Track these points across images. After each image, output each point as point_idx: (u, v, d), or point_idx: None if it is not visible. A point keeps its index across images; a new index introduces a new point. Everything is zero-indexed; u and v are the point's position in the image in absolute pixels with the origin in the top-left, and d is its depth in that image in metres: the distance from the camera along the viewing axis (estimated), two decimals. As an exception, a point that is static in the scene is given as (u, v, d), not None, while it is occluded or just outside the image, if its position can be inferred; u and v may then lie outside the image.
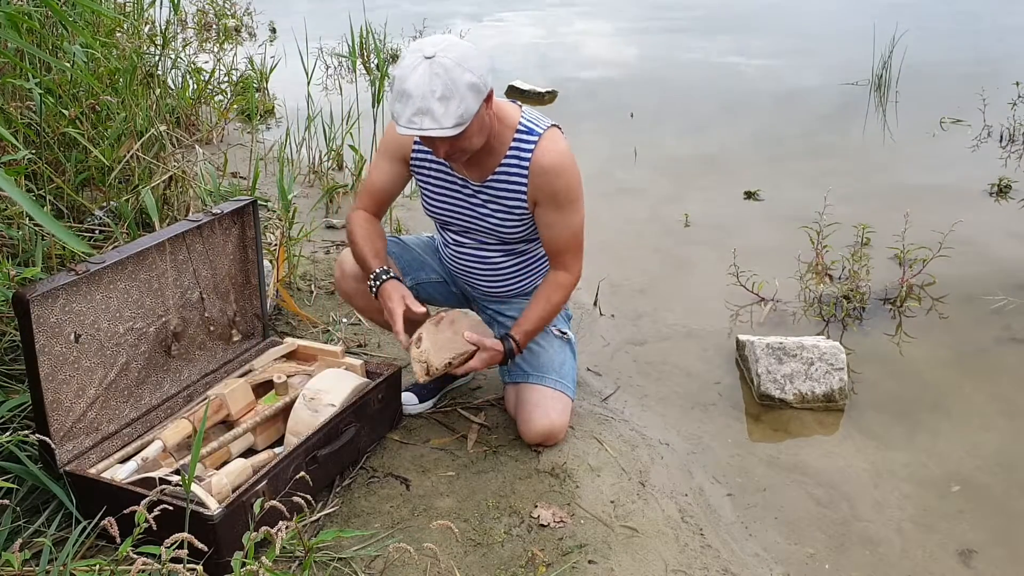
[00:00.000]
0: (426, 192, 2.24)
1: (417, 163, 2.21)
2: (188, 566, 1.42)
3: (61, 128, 2.95)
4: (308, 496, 1.70)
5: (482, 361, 2.12)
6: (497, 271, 2.30)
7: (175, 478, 1.84)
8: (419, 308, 2.08)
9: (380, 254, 2.18)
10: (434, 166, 2.19)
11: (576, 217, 2.13)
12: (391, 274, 2.13)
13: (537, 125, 2.09)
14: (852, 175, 4.39)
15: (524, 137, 2.08)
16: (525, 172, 2.08)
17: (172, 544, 1.41)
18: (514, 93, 6.11)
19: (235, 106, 5.00)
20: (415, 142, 2.17)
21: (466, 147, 1.97)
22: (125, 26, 4.30)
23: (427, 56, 1.85)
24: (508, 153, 2.09)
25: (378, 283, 2.12)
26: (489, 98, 1.94)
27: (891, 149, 4.87)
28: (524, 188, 2.10)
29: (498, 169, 2.10)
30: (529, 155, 2.07)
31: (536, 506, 2.03)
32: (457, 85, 1.84)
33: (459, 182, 2.17)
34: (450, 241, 2.32)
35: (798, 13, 8.96)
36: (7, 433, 1.82)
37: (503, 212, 2.15)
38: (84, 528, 1.70)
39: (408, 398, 2.40)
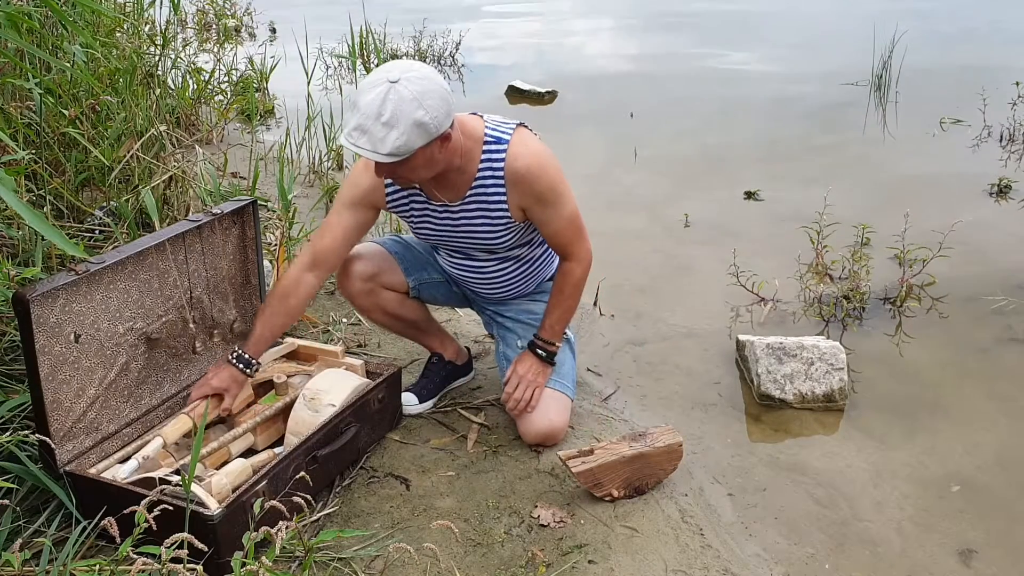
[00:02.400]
0: (412, 224, 2.24)
1: (395, 203, 2.18)
2: (188, 566, 1.42)
3: (61, 128, 2.95)
4: (308, 496, 1.70)
5: (519, 376, 2.21)
6: (493, 279, 2.30)
7: (175, 478, 1.84)
8: (225, 408, 2.09)
9: (263, 337, 2.13)
10: (412, 199, 2.17)
11: (567, 208, 2.12)
12: (239, 364, 2.10)
13: (504, 132, 2.07)
14: (852, 175, 4.40)
15: (493, 147, 2.06)
16: (501, 181, 2.07)
17: (172, 544, 1.41)
18: (514, 93, 6.12)
19: (235, 106, 5.00)
20: (387, 185, 2.14)
21: (409, 177, 1.97)
22: (125, 26, 4.30)
23: (391, 80, 1.82)
24: (480, 167, 2.06)
25: (233, 360, 2.10)
26: (445, 137, 1.91)
27: (891, 149, 4.87)
28: (503, 197, 2.08)
29: (474, 184, 2.08)
30: (502, 164, 2.05)
31: (536, 506, 2.04)
32: (404, 118, 1.81)
33: (438, 209, 2.15)
34: (443, 258, 2.33)
35: (798, 13, 8.96)
36: (7, 433, 1.82)
37: (488, 225, 2.14)
38: (84, 528, 1.70)
39: (408, 398, 2.40)
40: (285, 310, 2.15)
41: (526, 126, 2.12)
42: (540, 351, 2.24)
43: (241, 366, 2.11)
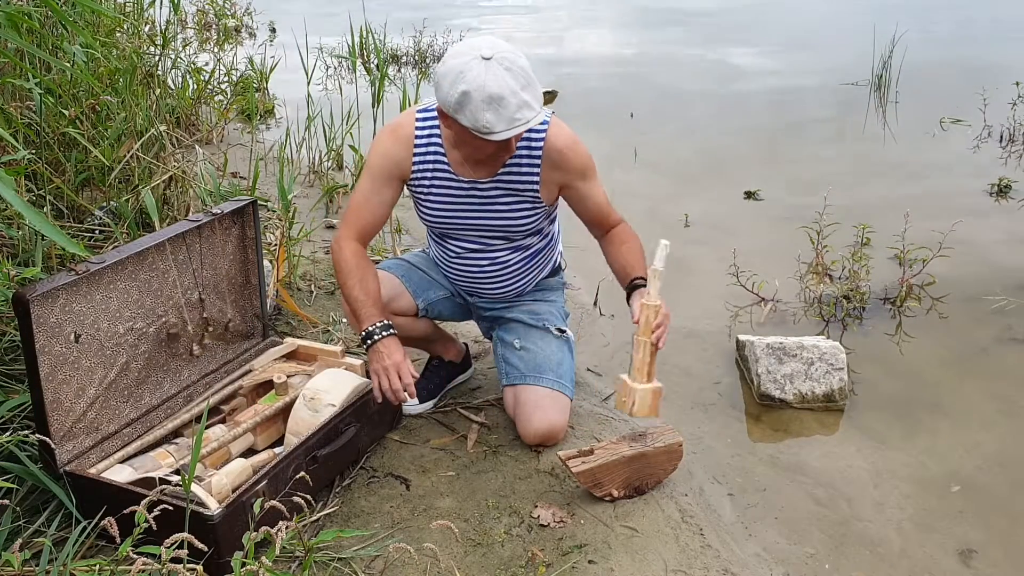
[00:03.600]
0: (427, 203, 2.21)
1: (420, 175, 2.17)
2: (188, 566, 1.42)
3: (61, 128, 2.95)
4: (308, 496, 1.70)
5: (660, 319, 1.99)
6: (503, 270, 2.29)
7: (175, 478, 1.84)
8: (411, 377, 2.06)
9: (379, 301, 2.11)
10: (438, 175, 2.16)
11: (600, 185, 2.20)
12: (392, 330, 2.09)
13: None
14: (852, 175, 4.40)
15: (531, 130, 2.07)
16: (537, 160, 2.09)
17: (172, 544, 1.41)
18: (514, 93, 6.10)
19: (235, 106, 5.01)
20: (415, 155, 2.14)
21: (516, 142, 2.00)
22: (125, 26, 4.30)
23: (486, 57, 1.86)
24: (518, 145, 2.08)
25: (379, 336, 2.06)
26: None
27: (891, 149, 4.88)
28: (536, 176, 2.11)
29: (510, 161, 2.10)
30: (540, 143, 2.09)
31: (536, 506, 2.04)
32: (526, 72, 1.89)
33: (465, 185, 2.15)
34: (451, 250, 2.30)
35: (798, 13, 8.96)
36: (7, 433, 1.82)
37: (515, 203, 2.15)
38: (84, 528, 1.70)
39: (408, 398, 2.40)
40: (371, 272, 2.14)
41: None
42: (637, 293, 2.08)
43: (393, 332, 2.08)
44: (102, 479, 1.83)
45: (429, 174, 2.17)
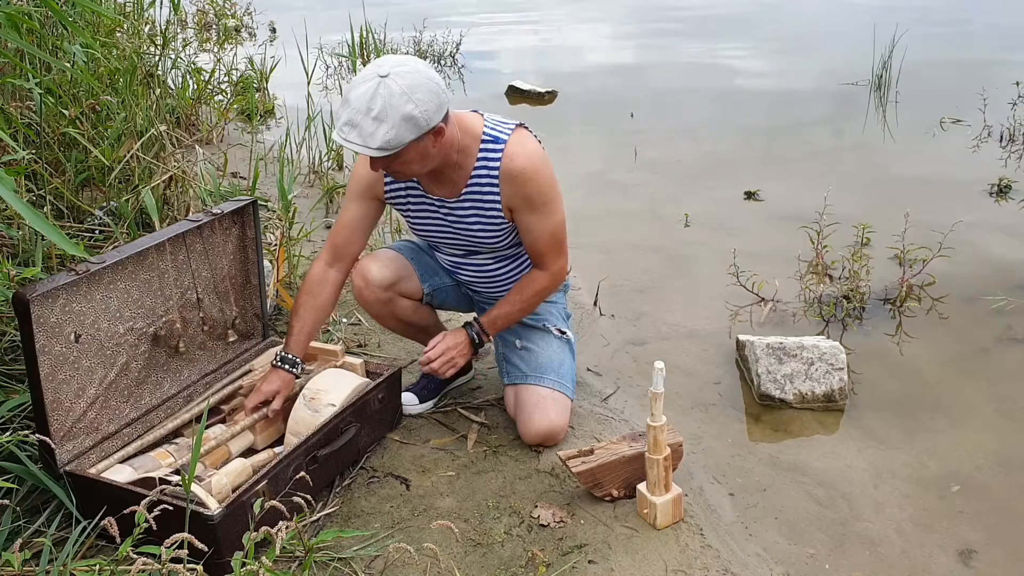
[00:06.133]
0: (410, 219, 2.24)
1: (392, 194, 2.19)
2: (188, 566, 1.42)
3: (61, 128, 2.95)
4: (308, 496, 1.70)
5: (446, 346, 2.17)
6: (493, 278, 2.30)
7: (175, 478, 1.84)
8: (274, 409, 2.11)
9: (301, 335, 2.16)
10: (411, 193, 2.17)
11: (553, 219, 2.12)
12: (294, 368, 2.14)
13: (502, 131, 2.07)
14: (852, 175, 4.39)
15: (490, 146, 2.06)
16: (496, 181, 2.07)
17: (172, 544, 1.41)
18: (514, 93, 6.11)
19: (235, 106, 5.00)
20: (385, 177, 2.15)
21: (403, 171, 1.98)
22: (125, 26, 4.30)
23: (381, 75, 1.83)
24: (476, 164, 2.07)
25: (277, 364, 2.14)
26: (438, 132, 1.91)
27: (891, 149, 4.87)
28: (498, 196, 2.09)
29: (470, 182, 2.09)
30: (498, 163, 2.05)
31: (536, 506, 2.04)
32: (393, 112, 1.82)
33: (435, 203, 2.16)
34: (443, 257, 2.33)
35: (798, 13, 8.96)
36: (7, 433, 1.82)
37: (483, 223, 2.14)
38: (84, 528, 1.70)
39: (408, 398, 2.40)
40: (316, 305, 2.18)
41: (526, 127, 2.12)
42: (475, 335, 2.21)
43: (287, 367, 2.14)
44: (102, 479, 1.83)
45: (403, 193, 2.18)
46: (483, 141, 2.06)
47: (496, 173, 2.06)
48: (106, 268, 1.93)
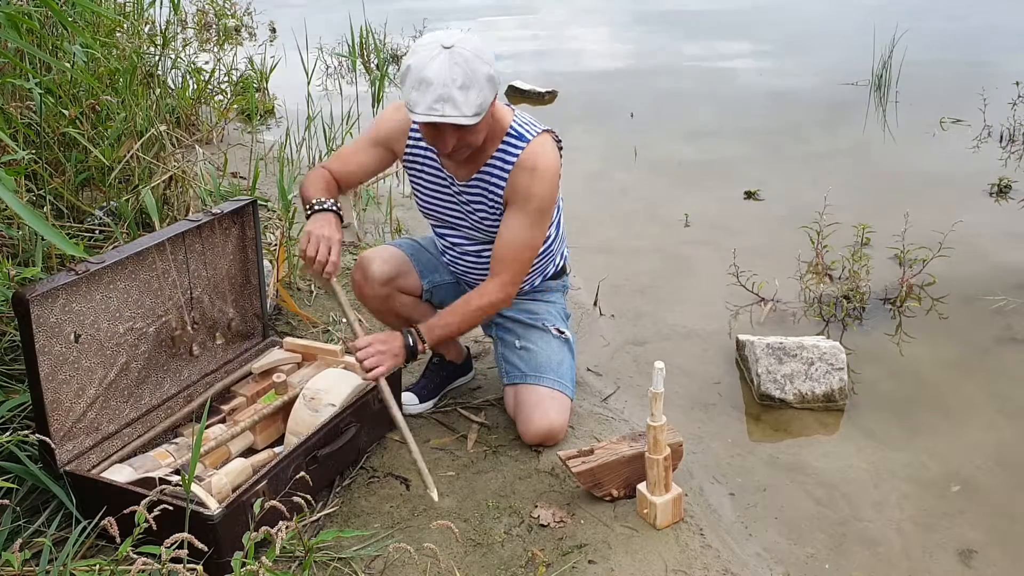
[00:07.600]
0: (418, 189, 2.26)
1: (411, 159, 2.21)
2: (188, 566, 1.42)
3: (61, 128, 2.95)
4: (308, 496, 1.70)
5: (375, 338, 2.05)
6: (488, 272, 2.29)
7: (175, 478, 1.84)
8: (335, 262, 2.02)
9: (334, 192, 2.15)
10: (427, 162, 2.19)
11: (533, 231, 2.11)
12: (338, 210, 2.09)
13: (528, 131, 2.09)
14: (852, 175, 4.39)
15: (513, 141, 2.08)
16: (509, 168, 2.09)
17: (172, 544, 1.41)
18: (514, 93, 6.11)
19: (235, 106, 5.00)
20: (410, 137, 2.17)
21: (472, 141, 1.99)
22: (125, 26, 4.30)
23: (446, 46, 1.87)
24: (494, 155, 2.09)
25: (319, 208, 2.06)
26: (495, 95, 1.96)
27: (891, 149, 4.87)
28: (503, 184, 2.10)
29: (482, 169, 2.11)
30: (517, 153, 2.08)
31: (536, 506, 2.04)
32: (477, 75, 1.87)
33: (447, 179, 2.18)
34: (447, 243, 2.32)
35: (798, 13, 8.95)
36: (7, 433, 1.82)
37: (486, 210, 2.16)
38: (84, 528, 1.70)
39: (408, 398, 2.40)
40: (332, 183, 2.18)
41: (553, 133, 2.14)
42: (410, 339, 2.10)
43: (337, 211, 2.09)
44: (102, 479, 1.83)
45: (420, 160, 2.20)
46: (507, 134, 2.09)
47: (512, 162, 2.08)
48: (106, 268, 1.93)
